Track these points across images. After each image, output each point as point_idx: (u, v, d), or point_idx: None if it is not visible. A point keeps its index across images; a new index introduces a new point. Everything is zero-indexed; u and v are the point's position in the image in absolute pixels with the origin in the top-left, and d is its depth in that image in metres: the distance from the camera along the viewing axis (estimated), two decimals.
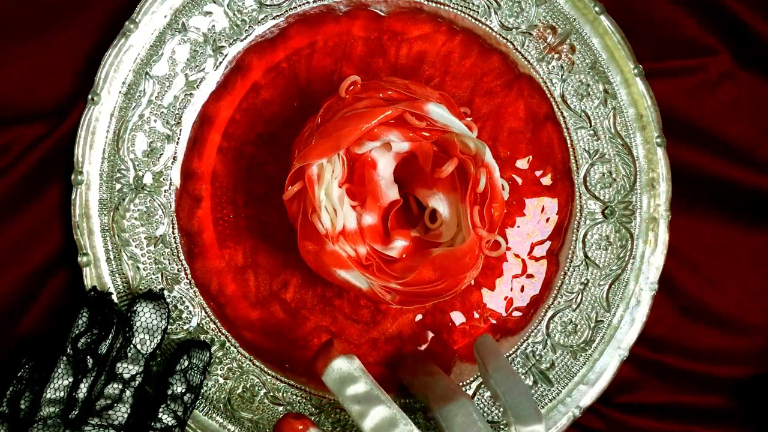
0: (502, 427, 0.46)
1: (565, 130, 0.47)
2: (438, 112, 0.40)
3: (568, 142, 0.47)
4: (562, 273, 0.47)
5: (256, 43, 0.46)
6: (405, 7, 0.47)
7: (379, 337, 0.46)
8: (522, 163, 0.47)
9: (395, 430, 0.37)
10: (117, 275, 0.45)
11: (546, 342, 0.47)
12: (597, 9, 0.46)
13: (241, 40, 0.46)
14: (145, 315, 0.42)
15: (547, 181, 0.47)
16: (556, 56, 0.47)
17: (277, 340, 0.47)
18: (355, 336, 0.47)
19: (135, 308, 0.42)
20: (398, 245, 0.43)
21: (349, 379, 0.38)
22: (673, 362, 0.50)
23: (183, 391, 0.43)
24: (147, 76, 0.45)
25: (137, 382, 0.41)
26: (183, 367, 0.43)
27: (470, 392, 0.47)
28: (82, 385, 0.40)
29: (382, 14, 0.47)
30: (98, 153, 0.45)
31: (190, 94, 0.46)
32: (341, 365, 0.39)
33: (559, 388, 0.47)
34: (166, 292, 0.46)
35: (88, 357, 0.40)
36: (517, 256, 0.47)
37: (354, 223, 0.42)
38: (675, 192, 0.47)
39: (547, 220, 0.48)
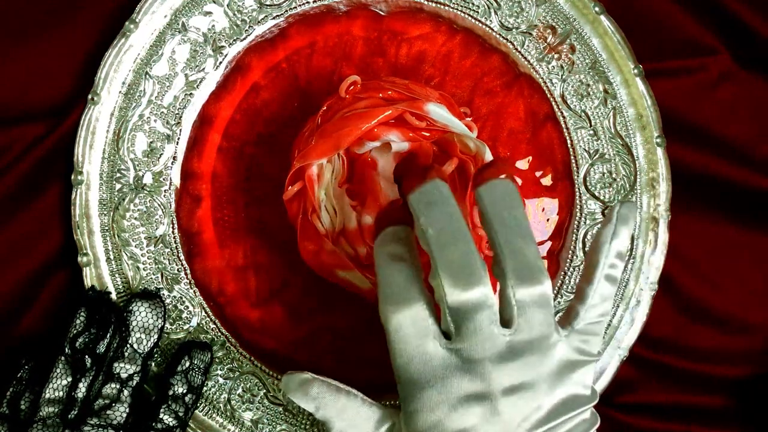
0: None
1: (565, 130, 0.47)
2: (438, 112, 0.40)
3: (568, 142, 0.47)
4: (562, 273, 0.47)
5: (256, 43, 0.46)
6: (405, 7, 0.47)
7: (380, 337, 0.46)
8: (522, 164, 0.47)
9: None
10: (117, 275, 0.45)
11: None
12: (597, 9, 0.46)
13: (241, 40, 0.46)
14: (141, 314, 0.42)
15: (547, 181, 0.47)
16: (556, 56, 0.47)
17: (277, 340, 0.47)
18: (356, 336, 0.47)
19: (131, 308, 0.42)
20: None
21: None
22: (673, 362, 0.50)
23: (184, 391, 0.43)
24: (147, 76, 0.45)
25: (135, 382, 0.41)
26: (184, 367, 0.43)
27: None
28: (80, 385, 0.40)
29: (382, 14, 0.47)
30: (98, 153, 0.45)
31: (190, 94, 0.46)
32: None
33: None
34: (166, 292, 0.46)
35: (87, 356, 0.40)
36: None
37: (354, 223, 0.42)
38: (675, 192, 0.47)
39: (548, 220, 0.48)
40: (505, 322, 0.34)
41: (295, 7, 0.46)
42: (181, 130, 0.46)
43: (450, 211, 0.34)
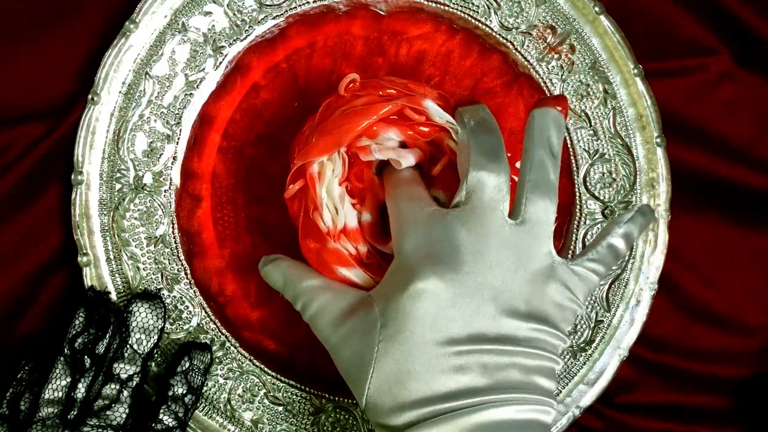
0: None
1: (564, 130, 0.47)
2: (436, 109, 0.40)
3: (568, 142, 0.47)
4: None
5: (256, 43, 0.46)
6: (405, 7, 0.47)
7: None
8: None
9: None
10: (117, 275, 0.45)
11: None
12: (597, 9, 0.46)
13: (241, 40, 0.46)
14: (141, 315, 0.42)
15: None
16: (556, 56, 0.47)
17: (277, 340, 0.47)
18: None
19: (131, 308, 0.42)
20: None
21: None
22: (673, 362, 0.50)
23: (184, 392, 0.43)
24: (147, 76, 0.45)
25: (135, 383, 0.41)
26: (184, 368, 0.43)
27: None
28: (80, 385, 0.40)
29: (382, 14, 0.47)
30: (98, 153, 0.45)
31: (190, 94, 0.46)
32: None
33: (559, 388, 0.47)
34: (166, 292, 0.46)
35: (86, 357, 0.40)
36: None
37: (354, 221, 0.42)
38: (675, 192, 0.47)
39: None
40: (511, 217, 0.36)
41: (295, 7, 0.46)
42: (181, 130, 0.46)
43: (491, 121, 0.38)
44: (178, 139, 0.46)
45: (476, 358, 0.33)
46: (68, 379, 0.40)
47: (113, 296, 0.45)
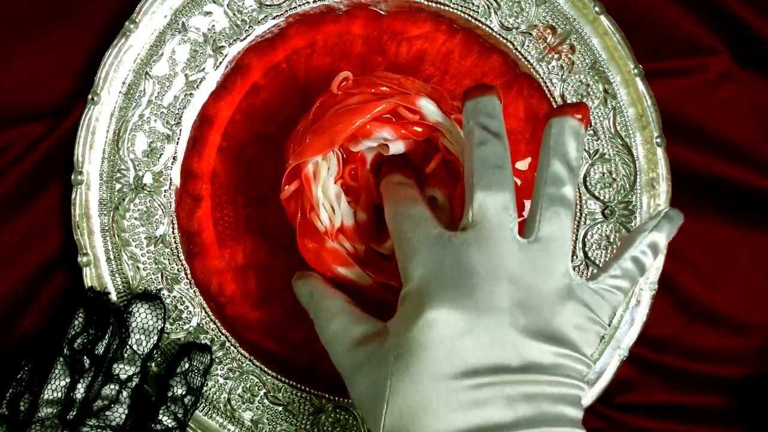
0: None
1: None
2: (429, 107, 0.40)
3: None
4: None
5: (256, 43, 0.46)
6: (405, 6, 0.47)
7: None
8: (521, 164, 0.47)
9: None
10: (117, 275, 0.45)
11: None
12: (597, 9, 0.46)
13: (241, 40, 0.46)
14: (141, 315, 0.42)
15: None
16: (556, 56, 0.47)
17: (277, 340, 0.47)
18: None
19: (131, 309, 0.42)
20: (391, 244, 0.42)
21: None
22: (673, 362, 0.50)
23: (183, 393, 0.43)
24: (147, 76, 0.45)
25: (134, 383, 0.41)
26: (183, 369, 0.43)
27: None
28: (79, 386, 0.40)
29: (382, 13, 0.47)
30: (98, 153, 0.45)
31: (190, 94, 0.46)
32: None
33: None
34: (166, 292, 0.46)
35: (85, 357, 0.40)
36: None
37: (351, 220, 0.42)
38: (675, 192, 0.47)
39: None
40: (524, 234, 0.34)
41: (295, 7, 0.46)
42: (181, 130, 0.46)
43: (497, 122, 0.36)
44: (178, 139, 0.46)
45: (498, 390, 0.30)
46: (68, 380, 0.40)
47: (113, 296, 0.45)
